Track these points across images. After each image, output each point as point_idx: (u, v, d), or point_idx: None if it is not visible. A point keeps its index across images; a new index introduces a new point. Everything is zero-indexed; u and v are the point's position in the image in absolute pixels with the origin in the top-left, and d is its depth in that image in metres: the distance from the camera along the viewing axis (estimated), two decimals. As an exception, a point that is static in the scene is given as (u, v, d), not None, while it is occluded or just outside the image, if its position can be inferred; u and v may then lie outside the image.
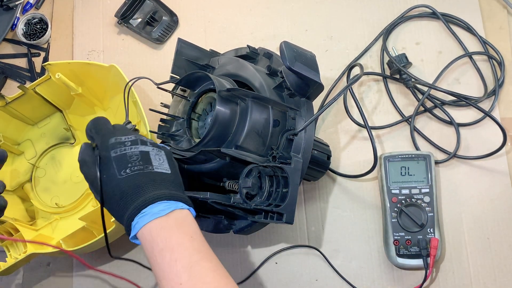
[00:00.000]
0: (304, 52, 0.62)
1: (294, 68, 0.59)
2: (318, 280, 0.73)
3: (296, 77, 0.61)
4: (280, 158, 0.58)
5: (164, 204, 0.47)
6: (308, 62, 0.61)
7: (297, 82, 0.61)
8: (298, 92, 0.62)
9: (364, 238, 0.74)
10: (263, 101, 0.59)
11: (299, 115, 0.61)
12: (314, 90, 0.62)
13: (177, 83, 0.65)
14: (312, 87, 0.61)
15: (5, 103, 0.77)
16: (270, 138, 0.59)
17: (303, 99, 0.62)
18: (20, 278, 0.80)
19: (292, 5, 0.87)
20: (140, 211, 0.46)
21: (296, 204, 0.56)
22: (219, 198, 0.57)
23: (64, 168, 0.81)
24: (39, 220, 0.78)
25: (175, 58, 0.68)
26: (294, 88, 0.61)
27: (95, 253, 0.79)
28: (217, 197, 0.57)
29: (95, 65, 0.74)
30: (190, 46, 0.70)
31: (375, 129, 0.79)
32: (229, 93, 0.58)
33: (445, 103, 0.78)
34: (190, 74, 0.63)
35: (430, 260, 0.68)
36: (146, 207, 0.46)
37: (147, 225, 0.46)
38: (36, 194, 0.80)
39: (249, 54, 0.69)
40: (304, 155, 0.59)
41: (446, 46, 0.81)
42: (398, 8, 0.83)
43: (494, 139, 0.74)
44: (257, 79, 0.61)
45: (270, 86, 0.62)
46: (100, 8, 0.91)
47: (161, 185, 0.48)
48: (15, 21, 0.91)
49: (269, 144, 0.59)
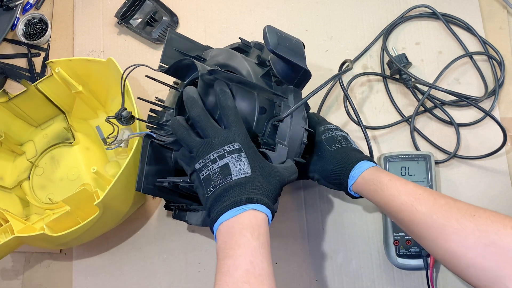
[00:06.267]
0: (289, 37, 0.61)
1: (277, 51, 0.57)
2: (318, 280, 0.73)
3: (282, 63, 0.60)
4: (265, 145, 0.57)
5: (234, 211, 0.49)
6: (294, 48, 0.60)
7: (283, 69, 0.60)
8: (286, 80, 0.61)
9: (364, 238, 0.74)
10: (247, 86, 0.58)
11: (286, 102, 0.60)
12: (301, 77, 0.61)
13: (165, 72, 0.64)
14: (299, 73, 0.60)
15: (8, 98, 0.77)
16: (256, 125, 0.58)
17: (290, 86, 0.62)
18: (20, 278, 0.80)
19: (292, 5, 0.87)
20: (214, 223, 0.50)
21: None
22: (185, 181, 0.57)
23: (61, 167, 0.81)
24: (33, 216, 0.78)
25: (165, 48, 0.67)
26: (281, 75, 0.61)
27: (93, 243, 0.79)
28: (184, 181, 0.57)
29: (94, 61, 0.75)
30: (182, 37, 0.70)
31: (375, 129, 0.79)
32: (212, 77, 0.57)
33: (445, 103, 0.78)
34: (178, 62, 0.62)
35: (430, 260, 0.68)
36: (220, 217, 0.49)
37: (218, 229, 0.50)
38: (32, 191, 0.80)
39: (241, 46, 0.69)
40: (290, 142, 0.58)
41: (446, 46, 0.81)
42: (398, 8, 0.83)
43: (494, 139, 0.75)
44: (244, 68, 0.61)
45: (258, 74, 0.61)
46: (100, 8, 0.91)
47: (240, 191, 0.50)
48: (15, 21, 0.91)
49: (255, 131, 0.58)
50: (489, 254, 0.45)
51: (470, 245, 0.47)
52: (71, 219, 0.68)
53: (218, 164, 0.51)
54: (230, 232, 0.48)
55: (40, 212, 0.79)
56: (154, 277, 0.77)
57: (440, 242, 0.49)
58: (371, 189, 0.58)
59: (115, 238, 0.79)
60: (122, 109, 0.60)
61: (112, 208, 0.66)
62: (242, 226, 0.48)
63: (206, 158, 0.52)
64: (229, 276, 0.44)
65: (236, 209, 0.49)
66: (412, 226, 0.53)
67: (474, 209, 0.49)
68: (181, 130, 0.54)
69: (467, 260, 0.47)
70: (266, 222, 0.50)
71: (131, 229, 0.80)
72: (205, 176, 0.52)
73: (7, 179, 0.82)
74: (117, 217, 0.71)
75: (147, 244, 0.79)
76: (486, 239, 0.46)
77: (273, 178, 0.53)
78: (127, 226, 0.79)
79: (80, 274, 0.79)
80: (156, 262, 0.78)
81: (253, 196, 0.49)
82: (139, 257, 0.78)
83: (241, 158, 0.52)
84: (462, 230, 0.48)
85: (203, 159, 0.52)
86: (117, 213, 0.70)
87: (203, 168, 0.52)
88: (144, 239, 0.79)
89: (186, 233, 0.78)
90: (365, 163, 0.60)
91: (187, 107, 0.54)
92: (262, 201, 0.50)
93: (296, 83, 0.62)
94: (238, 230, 0.47)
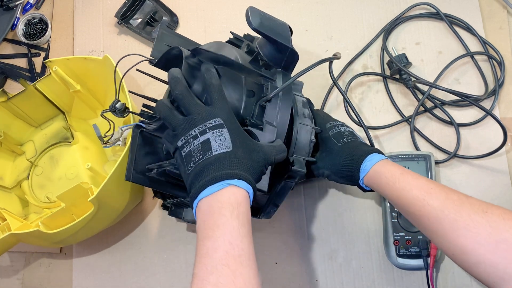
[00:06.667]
0: (274, 19, 0.61)
1: (260, 29, 0.57)
2: (318, 280, 0.73)
3: (269, 45, 0.59)
4: (252, 126, 0.56)
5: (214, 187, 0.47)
6: (278, 28, 0.60)
7: (269, 50, 0.60)
8: (273, 62, 0.61)
9: (364, 238, 0.74)
10: (234, 67, 0.58)
11: (274, 84, 0.60)
12: (288, 58, 0.60)
13: (155, 65, 0.63)
14: (285, 54, 0.60)
15: (7, 98, 0.77)
16: (244, 109, 0.58)
17: (279, 70, 0.61)
18: (20, 278, 0.80)
19: (292, 5, 0.87)
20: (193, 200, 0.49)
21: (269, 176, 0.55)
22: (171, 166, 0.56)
23: (60, 166, 0.81)
24: (31, 215, 0.79)
25: (156, 43, 0.67)
26: (268, 57, 0.60)
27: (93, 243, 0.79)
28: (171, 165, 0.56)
29: (91, 59, 0.75)
30: (173, 33, 0.69)
31: (375, 129, 0.79)
32: (196, 60, 0.56)
33: (445, 103, 0.78)
34: (167, 54, 0.60)
35: (430, 260, 0.68)
36: (199, 194, 0.48)
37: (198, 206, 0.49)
38: (32, 191, 0.80)
39: (233, 40, 0.68)
40: (280, 124, 0.58)
41: (446, 46, 0.81)
42: (398, 8, 0.83)
43: (494, 139, 0.75)
44: (232, 54, 0.60)
45: (246, 60, 0.61)
46: (100, 8, 0.91)
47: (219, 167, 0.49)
48: (15, 21, 0.91)
49: (243, 115, 0.58)
50: (500, 251, 0.45)
51: (481, 241, 0.47)
52: (66, 216, 0.68)
53: (199, 140, 0.50)
54: (209, 211, 0.47)
55: (38, 211, 0.79)
56: (154, 277, 0.77)
57: (451, 237, 0.49)
58: (382, 182, 0.58)
59: (115, 237, 0.79)
60: (116, 101, 0.59)
61: (107, 205, 0.66)
62: (221, 205, 0.46)
63: (188, 135, 0.51)
64: (208, 258, 0.44)
65: (215, 186, 0.47)
66: (422, 220, 0.53)
67: (487, 206, 0.49)
68: (164, 109, 0.53)
69: (478, 256, 0.47)
70: (246, 199, 0.48)
71: (130, 229, 0.80)
72: (187, 153, 0.50)
73: (7, 179, 0.82)
74: (113, 214, 0.71)
75: (147, 244, 0.79)
76: (498, 236, 0.46)
77: (256, 155, 0.51)
78: (127, 225, 0.79)
79: (80, 273, 0.79)
80: (156, 262, 0.78)
81: (233, 171, 0.48)
82: (139, 257, 0.78)
83: (222, 133, 0.50)
84: (473, 226, 0.48)
85: (184, 136, 0.51)
86: (112, 210, 0.70)
87: (185, 145, 0.51)
88: (144, 239, 0.79)
89: (186, 233, 0.78)
90: (376, 155, 0.61)
91: (171, 87, 0.54)
92: (242, 176, 0.48)
93: (284, 66, 0.61)
94: (217, 209, 0.46)
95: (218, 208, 0.46)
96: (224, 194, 0.47)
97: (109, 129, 0.67)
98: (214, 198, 0.47)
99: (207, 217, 0.47)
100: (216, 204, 0.47)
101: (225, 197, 0.47)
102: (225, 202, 0.46)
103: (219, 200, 0.47)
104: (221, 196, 0.47)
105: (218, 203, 0.47)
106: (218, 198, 0.47)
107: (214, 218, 0.46)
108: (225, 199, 0.47)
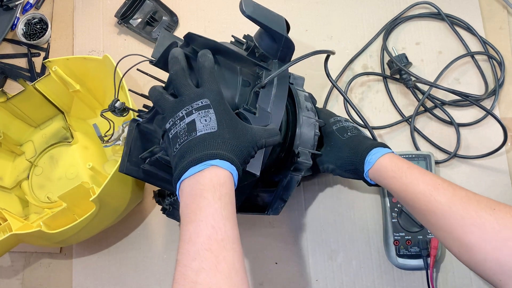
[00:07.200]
0: (270, 11, 0.61)
1: (253, 16, 0.57)
2: (318, 280, 0.73)
3: (264, 35, 0.60)
4: (245, 111, 0.56)
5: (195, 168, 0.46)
6: (273, 17, 0.60)
7: (265, 41, 0.60)
8: (269, 53, 0.61)
9: (364, 238, 0.74)
10: (229, 56, 0.58)
11: (268, 73, 0.60)
12: (284, 48, 0.61)
13: (155, 64, 0.62)
14: (280, 43, 0.60)
15: (6, 98, 0.77)
16: (238, 97, 0.57)
17: (275, 60, 0.62)
18: (20, 278, 0.80)
19: (292, 5, 0.87)
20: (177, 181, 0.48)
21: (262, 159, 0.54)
22: None
23: (60, 166, 0.81)
24: (32, 215, 0.78)
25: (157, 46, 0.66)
26: (264, 48, 0.61)
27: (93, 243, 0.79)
28: None
29: (91, 59, 0.75)
30: (174, 37, 0.69)
31: (375, 129, 0.79)
32: (190, 48, 0.56)
33: (445, 103, 0.78)
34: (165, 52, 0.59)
35: (430, 260, 0.68)
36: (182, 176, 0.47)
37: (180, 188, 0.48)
38: (32, 191, 0.80)
39: (234, 43, 0.69)
40: (274, 110, 0.57)
41: (446, 46, 0.81)
42: (398, 8, 0.83)
43: (494, 139, 0.75)
44: (230, 46, 0.61)
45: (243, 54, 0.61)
46: (100, 8, 0.91)
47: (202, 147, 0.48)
48: (15, 21, 0.91)
49: (238, 103, 0.57)
50: (507, 249, 0.45)
51: (488, 238, 0.46)
52: (68, 216, 0.68)
53: (185, 121, 0.49)
54: (191, 194, 0.45)
55: (39, 211, 0.79)
56: (154, 277, 0.77)
57: (458, 233, 0.49)
58: (389, 176, 0.57)
59: (115, 237, 0.79)
60: (115, 100, 0.59)
61: (108, 204, 0.66)
62: (202, 187, 0.45)
63: (175, 116, 0.50)
64: (191, 244, 0.43)
65: (197, 167, 0.46)
66: (429, 216, 0.52)
67: (494, 203, 0.49)
68: (155, 93, 0.53)
69: (485, 254, 0.46)
70: (230, 179, 0.47)
71: (131, 229, 0.79)
72: (173, 135, 0.49)
73: (7, 179, 0.82)
74: (114, 214, 0.71)
75: (147, 244, 0.78)
76: (505, 234, 0.46)
77: (243, 136, 0.49)
78: (127, 225, 0.79)
79: (80, 274, 0.79)
80: (156, 262, 0.78)
81: (216, 152, 0.46)
82: (139, 257, 0.78)
83: (208, 114, 0.49)
84: (481, 223, 0.47)
85: (172, 117, 0.50)
86: (113, 209, 0.70)
87: (172, 127, 0.50)
88: (144, 239, 0.79)
89: (186, 233, 0.78)
90: (381, 149, 0.60)
91: (169, 67, 0.54)
92: (225, 156, 0.46)
93: (281, 56, 0.61)
94: (198, 192, 0.45)
95: (200, 190, 0.45)
96: (206, 175, 0.46)
97: (109, 128, 0.66)
98: (195, 179, 0.46)
99: (189, 200, 0.46)
100: (197, 186, 0.45)
101: (207, 178, 0.45)
102: (207, 184, 0.45)
103: (201, 182, 0.45)
104: (203, 178, 0.46)
105: (199, 185, 0.45)
106: (199, 179, 0.46)
107: (197, 201, 0.45)
108: (207, 181, 0.45)
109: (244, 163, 0.49)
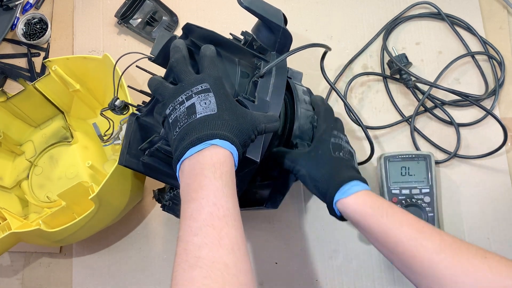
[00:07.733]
0: (268, 4, 0.62)
1: (250, 7, 0.58)
2: (318, 280, 0.73)
3: (262, 27, 0.60)
4: (245, 99, 0.56)
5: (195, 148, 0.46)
6: (270, 9, 0.61)
7: (263, 33, 0.61)
8: (267, 44, 0.62)
9: (364, 238, 0.74)
10: (228, 47, 0.58)
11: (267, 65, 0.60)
12: (281, 39, 0.61)
13: (154, 60, 0.63)
14: (278, 34, 0.60)
15: (6, 98, 0.77)
16: (237, 87, 0.58)
17: (273, 52, 0.62)
18: (20, 278, 0.80)
19: (292, 5, 0.87)
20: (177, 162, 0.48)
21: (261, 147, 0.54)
22: None
23: (60, 166, 0.81)
24: (31, 215, 0.79)
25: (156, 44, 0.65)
26: (262, 40, 0.61)
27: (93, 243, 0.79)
28: None
29: (90, 58, 0.75)
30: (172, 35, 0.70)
31: (375, 129, 0.79)
32: (188, 41, 0.56)
33: (445, 103, 0.78)
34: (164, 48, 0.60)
35: (430, 260, 0.68)
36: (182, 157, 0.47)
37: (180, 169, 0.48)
38: (31, 191, 0.80)
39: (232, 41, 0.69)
40: (273, 99, 0.57)
41: (446, 46, 0.81)
42: (398, 8, 0.83)
43: (494, 139, 0.75)
44: None
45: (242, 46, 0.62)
46: (100, 8, 0.91)
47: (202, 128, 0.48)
48: (15, 21, 0.91)
49: (237, 94, 0.57)
50: None
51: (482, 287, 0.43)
52: (67, 214, 0.68)
53: (185, 105, 0.49)
54: (192, 173, 0.45)
55: (38, 211, 0.79)
56: (154, 277, 0.77)
57: (447, 282, 0.45)
58: (367, 213, 0.52)
59: (115, 237, 0.79)
60: (115, 99, 0.59)
61: (108, 203, 0.66)
62: (203, 166, 0.45)
63: (175, 101, 0.50)
64: (193, 221, 0.43)
65: (197, 147, 0.46)
66: (414, 263, 0.48)
67: (484, 251, 0.46)
68: (155, 82, 0.53)
69: None
70: (230, 158, 0.47)
71: (130, 228, 0.79)
72: (173, 119, 0.49)
73: (7, 179, 0.82)
74: (113, 212, 0.71)
75: (147, 244, 0.78)
76: (500, 283, 0.43)
77: (243, 118, 0.49)
78: (127, 225, 0.79)
79: (80, 273, 0.79)
80: (156, 262, 0.78)
81: (215, 132, 0.46)
82: (139, 257, 0.78)
83: (207, 97, 0.49)
84: (474, 271, 0.44)
85: (172, 103, 0.50)
86: (113, 208, 0.70)
87: (172, 112, 0.50)
88: (144, 239, 0.79)
89: (186, 233, 0.78)
90: (363, 184, 0.55)
91: (170, 56, 0.54)
92: (225, 136, 0.46)
93: (279, 48, 0.62)
94: (199, 171, 0.45)
95: (200, 169, 0.45)
96: (206, 154, 0.46)
97: (109, 127, 0.66)
98: (195, 159, 0.46)
99: (190, 179, 0.45)
100: (198, 165, 0.45)
101: (207, 157, 0.45)
102: (207, 163, 0.45)
103: (201, 161, 0.45)
104: (203, 157, 0.46)
105: (199, 164, 0.45)
106: (199, 159, 0.46)
107: (197, 180, 0.45)
108: (207, 160, 0.45)
109: (244, 145, 0.49)
